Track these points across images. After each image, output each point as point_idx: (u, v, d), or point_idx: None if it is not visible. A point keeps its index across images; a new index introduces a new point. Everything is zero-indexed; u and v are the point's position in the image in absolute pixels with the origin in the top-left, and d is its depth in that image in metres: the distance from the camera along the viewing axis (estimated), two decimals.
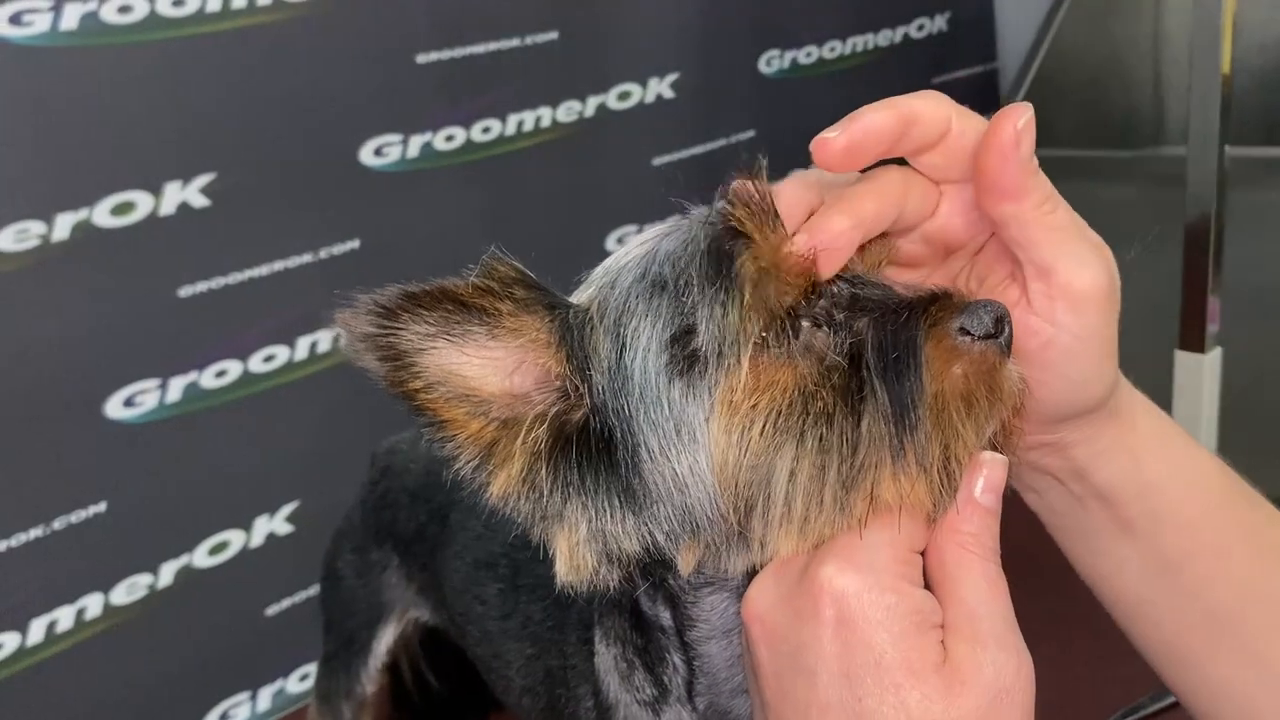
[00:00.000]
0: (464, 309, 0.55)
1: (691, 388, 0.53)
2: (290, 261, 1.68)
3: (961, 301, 0.55)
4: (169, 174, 1.54)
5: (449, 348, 0.55)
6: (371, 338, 0.54)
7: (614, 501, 0.55)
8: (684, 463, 0.53)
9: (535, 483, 0.55)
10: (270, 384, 1.69)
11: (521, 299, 0.56)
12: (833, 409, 0.52)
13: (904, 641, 0.51)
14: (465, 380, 0.55)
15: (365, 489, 1.02)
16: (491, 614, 0.81)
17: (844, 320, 0.54)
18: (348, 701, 0.99)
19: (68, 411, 1.51)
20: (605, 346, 0.55)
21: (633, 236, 0.61)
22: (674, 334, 0.53)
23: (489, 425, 0.56)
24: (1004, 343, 0.54)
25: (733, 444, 0.53)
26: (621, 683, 0.67)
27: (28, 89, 1.42)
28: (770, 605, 0.55)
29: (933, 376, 0.52)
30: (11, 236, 1.43)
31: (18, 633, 1.50)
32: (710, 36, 2.14)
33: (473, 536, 0.84)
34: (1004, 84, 2.73)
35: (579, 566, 0.56)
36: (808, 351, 0.54)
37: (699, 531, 0.55)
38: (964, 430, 0.53)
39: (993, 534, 0.54)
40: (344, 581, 0.99)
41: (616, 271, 0.58)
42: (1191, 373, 1.50)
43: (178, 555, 1.64)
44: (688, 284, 0.54)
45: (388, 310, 0.54)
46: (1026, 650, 0.52)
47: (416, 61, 1.77)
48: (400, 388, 0.55)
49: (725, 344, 0.52)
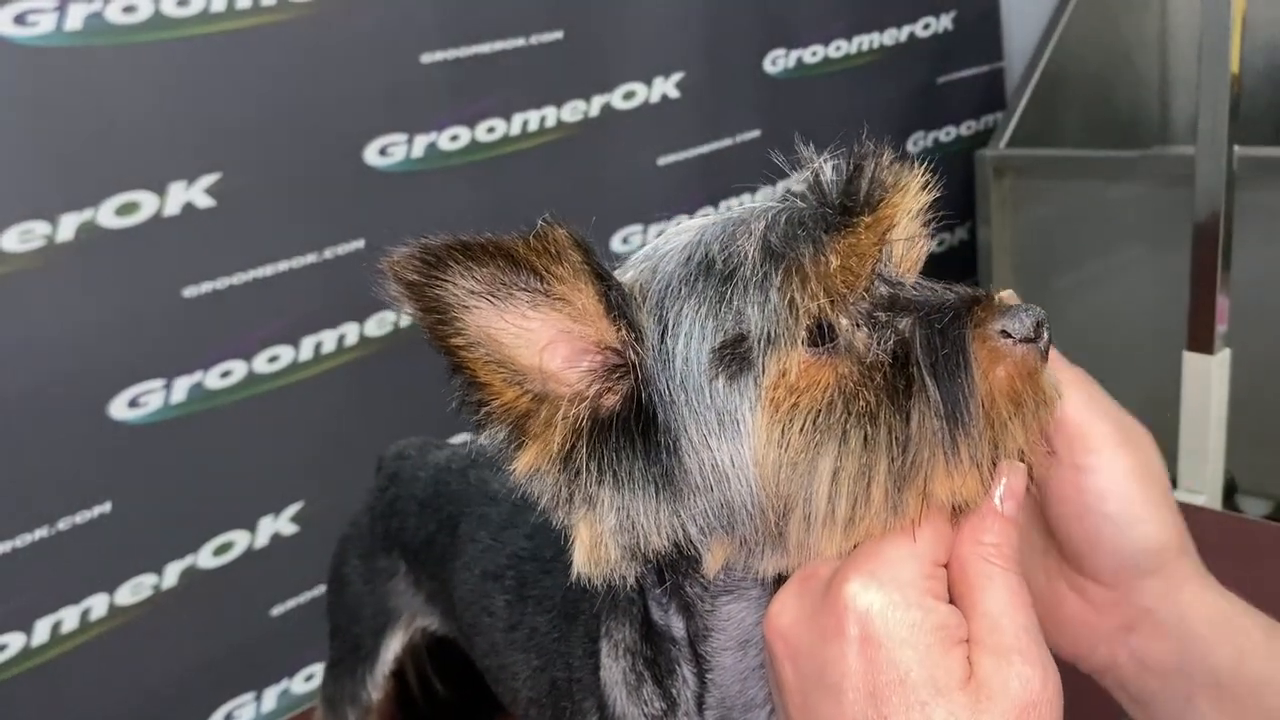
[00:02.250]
0: (516, 268, 0.52)
1: (736, 379, 0.52)
2: (295, 262, 1.68)
3: (1002, 304, 0.55)
4: (174, 174, 1.54)
5: (490, 310, 0.52)
6: (417, 286, 0.51)
7: (650, 490, 0.54)
8: (725, 454, 0.53)
9: (573, 461, 0.54)
10: (275, 384, 1.69)
11: (577, 264, 0.52)
12: (877, 408, 0.52)
13: (929, 658, 0.50)
14: (501, 347, 0.53)
15: (373, 495, 1.01)
16: (499, 625, 0.81)
17: (886, 320, 0.54)
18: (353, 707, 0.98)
19: (72, 412, 1.51)
20: (650, 327, 0.54)
21: (676, 223, 0.59)
22: (719, 324, 0.53)
23: (524, 395, 0.54)
24: (1043, 348, 0.54)
25: (773, 442, 0.52)
26: (629, 696, 0.66)
27: (32, 89, 1.42)
28: (793, 621, 0.55)
29: (982, 376, 0.53)
30: (16, 237, 1.42)
31: (23, 633, 1.50)
32: (715, 36, 2.14)
33: (481, 548, 0.83)
34: (1009, 83, 2.72)
35: (600, 558, 0.55)
36: (849, 351, 0.53)
37: (735, 527, 0.54)
38: (1014, 427, 0.53)
39: (1014, 543, 0.54)
40: (350, 587, 0.99)
41: (660, 255, 0.56)
42: (1200, 373, 1.50)
43: (182, 556, 1.64)
44: (737, 272, 0.53)
45: (436, 259, 0.51)
46: (1052, 661, 0.52)
47: (421, 61, 1.76)
48: (443, 341, 0.52)
49: (773, 338, 0.52)
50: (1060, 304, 2.21)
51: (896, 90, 2.49)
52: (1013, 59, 2.71)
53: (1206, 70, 1.42)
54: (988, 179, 2.23)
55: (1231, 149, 1.43)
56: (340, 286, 1.71)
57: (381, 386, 1.76)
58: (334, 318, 1.73)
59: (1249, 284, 1.59)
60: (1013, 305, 0.55)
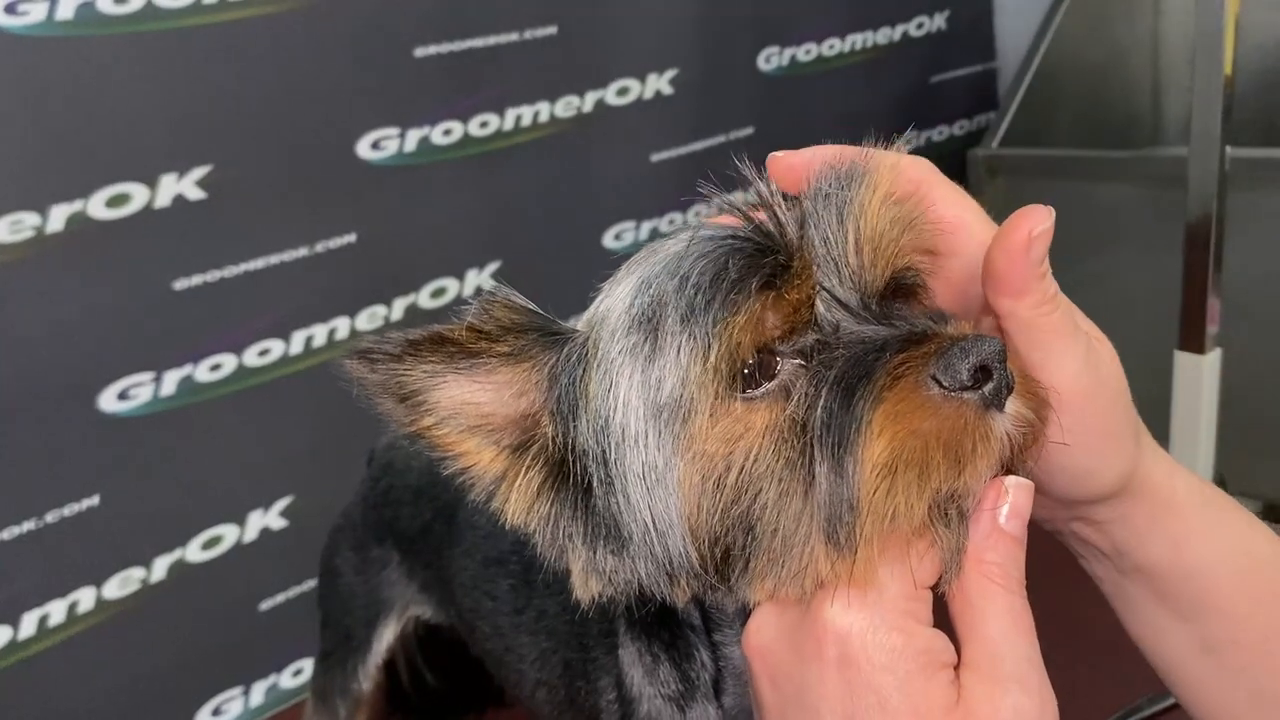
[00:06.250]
0: (464, 351, 0.56)
1: (663, 435, 0.52)
2: (286, 255, 1.67)
3: (944, 343, 0.49)
4: (165, 166, 1.53)
5: (459, 378, 0.56)
6: (384, 383, 0.55)
7: (600, 541, 0.55)
8: (657, 509, 0.52)
9: (538, 517, 0.56)
10: (265, 378, 1.68)
11: (515, 348, 0.56)
12: (797, 459, 0.50)
13: (909, 685, 0.49)
14: (479, 408, 0.56)
15: (365, 486, 1.01)
16: (503, 609, 0.81)
17: (821, 363, 0.51)
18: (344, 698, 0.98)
19: (61, 404, 1.50)
20: (595, 384, 0.54)
21: (643, 251, 0.59)
22: (645, 380, 0.52)
23: (500, 454, 0.57)
24: (988, 393, 0.49)
25: (705, 492, 0.51)
26: (645, 676, 0.67)
27: (22, 79, 1.41)
28: (772, 640, 0.54)
29: (885, 441, 0.48)
30: (6, 228, 1.42)
31: (9, 626, 1.49)
32: (709, 33, 2.14)
33: (482, 534, 0.84)
34: (1003, 83, 2.73)
35: (588, 588, 0.57)
36: (783, 393, 0.51)
37: (675, 577, 0.54)
38: (912, 503, 0.48)
39: (1018, 564, 0.52)
40: (342, 578, 0.99)
41: (616, 297, 0.56)
42: (1191, 373, 1.50)
43: (171, 549, 1.63)
44: (660, 327, 0.52)
45: (394, 355, 0.55)
46: (1050, 691, 0.50)
47: (415, 55, 1.76)
48: (414, 426, 0.56)
49: (691, 394, 0.51)
50: None
51: (890, 89, 2.49)
52: (1006, 59, 2.72)
53: (1200, 72, 1.42)
54: (980, 178, 2.23)
55: (1224, 151, 1.43)
56: (332, 280, 1.71)
57: None
58: (325, 311, 1.72)
59: (1240, 285, 1.59)
60: (956, 343, 0.49)
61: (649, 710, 0.66)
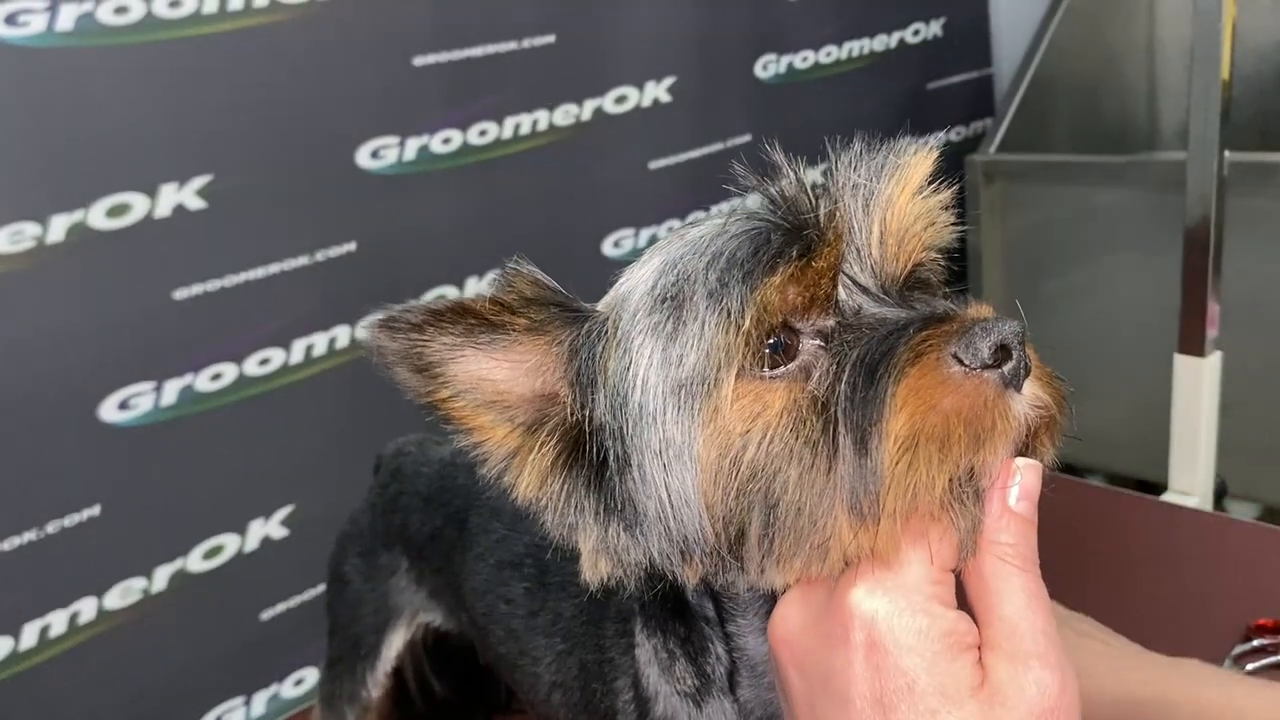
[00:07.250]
0: (486, 323, 0.56)
1: (683, 412, 0.52)
2: (286, 264, 1.67)
3: (964, 324, 0.50)
4: (165, 176, 1.54)
5: (477, 354, 0.56)
6: (403, 351, 0.55)
7: (613, 519, 0.55)
8: (673, 485, 0.53)
9: (549, 494, 0.56)
10: (266, 387, 1.68)
11: (536, 321, 0.56)
12: (819, 437, 0.50)
13: (937, 666, 0.49)
14: (495, 384, 0.57)
15: (374, 492, 1.01)
16: (518, 612, 0.81)
17: (843, 342, 0.52)
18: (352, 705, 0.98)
19: (62, 414, 1.50)
20: (614, 361, 0.54)
21: (667, 236, 0.60)
22: (666, 358, 0.53)
23: (514, 431, 0.57)
24: (1007, 372, 0.49)
25: (722, 469, 0.51)
26: (662, 674, 0.66)
27: (23, 90, 1.41)
28: (798, 628, 0.54)
29: (907, 416, 0.48)
30: (6, 238, 1.42)
31: (10, 637, 1.49)
32: (707, 41, 2.15)
33: (495, 539, 0.84)
34: (999, 89, 2.74)
35: (597, 570, 0.57)
36: (804, 372, 0.52)
37: (689, 555, 0.54)
38: (933, 477, 0.48)
39: (1031, 544, 0.52)
40: (350, 585, 0.99)
41: (636, 278, 0.57)
42: (1191, 377, 1.51)
43: (172, 559, 1.62)
44: (685, 304, 0.52)
45: (415, 324, 0.55)
46: (1070, 666, 0.51)
47: (414, 64, 1.76)
48: (429, 397, 0.57)
49: (714, 370, 0.51)
50: (1050, 308, 2.22)
51: (887, 95, 2.50)
52: (1002, 65, 2.73)
53: (1198, 76, 1.43)
54: (978, 184, 2.24)
55: (1222, 155, 1.44)
56: (332, 289, 1.71)
57: (372, 390, 1.75)
58: (325, 320, 1.73)
59: (1239, 288, 1.60)
60: (978, 323, 0.50)
61: (665, 709, 0.66)
